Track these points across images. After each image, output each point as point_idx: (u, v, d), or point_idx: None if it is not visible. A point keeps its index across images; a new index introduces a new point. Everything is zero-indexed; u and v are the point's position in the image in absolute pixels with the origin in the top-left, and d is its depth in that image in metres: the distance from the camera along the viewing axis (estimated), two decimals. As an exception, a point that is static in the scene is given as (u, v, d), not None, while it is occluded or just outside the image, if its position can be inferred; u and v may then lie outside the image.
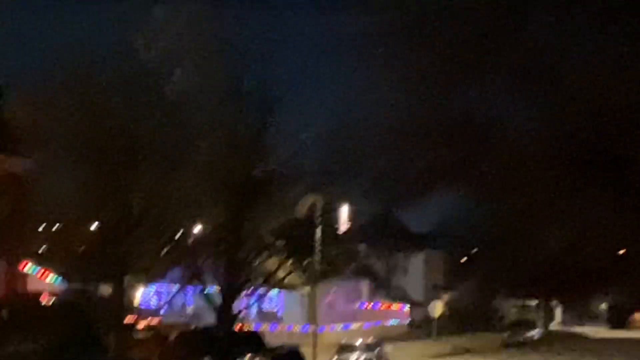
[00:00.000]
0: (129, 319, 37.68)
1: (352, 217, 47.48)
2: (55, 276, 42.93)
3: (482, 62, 23.91)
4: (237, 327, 42.62)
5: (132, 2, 34.90)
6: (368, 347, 45.45)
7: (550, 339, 79.83)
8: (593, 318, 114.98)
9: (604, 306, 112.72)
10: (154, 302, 54.51)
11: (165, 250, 39.34)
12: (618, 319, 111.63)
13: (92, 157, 35.35)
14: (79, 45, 35.43)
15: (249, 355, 35.08)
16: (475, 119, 25.65)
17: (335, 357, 44.28)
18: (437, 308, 71.18)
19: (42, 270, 43.33)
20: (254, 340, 37.03)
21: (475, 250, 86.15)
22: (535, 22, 24.22)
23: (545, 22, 24.20)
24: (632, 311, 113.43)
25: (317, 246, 46.24)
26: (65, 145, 35.69)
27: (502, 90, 25.48)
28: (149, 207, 37.22)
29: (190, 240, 40.48)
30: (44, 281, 43.18)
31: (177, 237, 39.66)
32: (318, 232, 45.94)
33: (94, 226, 38.80)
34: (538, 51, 24.05)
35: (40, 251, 44.36)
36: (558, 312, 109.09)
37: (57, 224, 40.48)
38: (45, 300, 38.01)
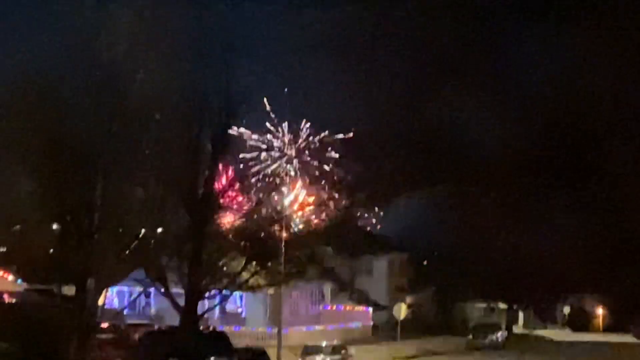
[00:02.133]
0: (92, 320, 37.39)
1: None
2: (16, 277, 42.61)
3: (451, 71, 24.03)
4: (204, 328, 42.52)
5: (91, 3, 34.71)
6: (333, 349, 45.37)
7: (513, 342, 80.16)
8: (555, 321, 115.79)
9: (566, 309, 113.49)
10: (116, 303, 54.26)
11: (127, 252, 39.04)
12: (580, 322, 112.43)
13: (53, 159, 35.03)
14: (37, 49, 35.17)
15: (213, 357, 34.76)
16: (443, 125, 25.73)
17: (301, 358, 44.16)
18: (401, 310, 71.12)
19: (2, 272, 42.99)
20: (221, 342, 36.72)
21: (438, 252, 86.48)
22: (503, 33, 24.42)
23: (513, 33, 24.39)
24: (593, 314, 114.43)
25: (282, 248, 46.15)
26: (25, 148, 35.36)
27: (470, 98, 25.61)
28: (111, 209, 36.97)
29: (153, 243, 40.20)
30: (4, 281, 42.86)
31: (139, 239, 39.37)
32: (282, 233, 45.87)
33: (55, 228, 38.45)
34: (507, 61, 24.19)
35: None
36: (521, 315, 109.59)
37: (17, 226, 40.11)
38: (7, 299, 37.69)
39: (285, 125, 56.57)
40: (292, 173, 53.96)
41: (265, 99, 45.37)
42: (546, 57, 23.33)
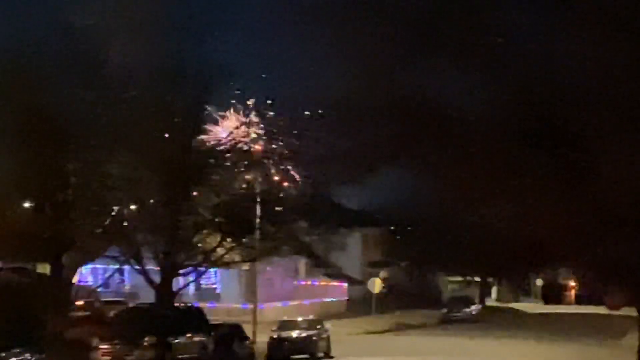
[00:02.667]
0: (67, 297, 37.27)
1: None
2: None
3: (427, 39, 23.82)
4: (181, 304, 42.49)
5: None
6: (309, 324, 45.37)
7: (487, 315, 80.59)
8: (528, 294, 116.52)
9: (539, 282, 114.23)
10: (91, 281, 54.07)
11: (102, 229, 38.86)
12: (552, 295, 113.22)
13: (27, 134, 34.71)
14: (11, 20, 34.76)
15: (190, 333, 34.68)
16: (417, 96, 25.60)
17: (276, 334, 44.11)
18: (376, 284, 71.39)
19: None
20: (197, 318, 36.64)
21: (412, 227, 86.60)
22: (480, 2, 24.21)
23: (490, 2, 24.21)
24: (566, 287, 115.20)
25: (257, 223, 46.04)
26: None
27: (445, 68, 25.44)
28: (85, 185, 36.75)
29: (128, 219, 40.02)
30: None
31: (114, 215, 39.17)
32: (257, 209, 45.72)
33: (28, 206, 38.14)
34: (483, 29, 24.02)
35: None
36: (494, 289, 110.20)
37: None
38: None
39: (251, 101, 54.88)
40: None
41: (231, 75, 45.08)
42: (526, 24, 23.44)
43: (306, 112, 31.40)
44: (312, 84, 25.93)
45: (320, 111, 27.01)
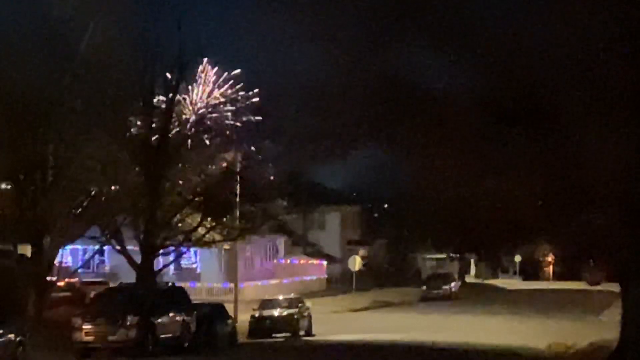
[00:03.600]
0: (48, 278, 37.27)
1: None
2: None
3: (403, 21, 23.98)
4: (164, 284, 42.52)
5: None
6: (290, 303, 45.51)
7: (467, 291, 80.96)
8: (506, 270, 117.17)
9: (517, 258, 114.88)
10: (71, 261, 54.02)
11: (80, 210, 38.87)
12: (530, 271, 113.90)
13: (4, 116, 34.67)
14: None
15: (172, 313, 34.68)
16: (394, 76, 25.74)
17: (258, 312, 44.23)
18: (356, 262, 71.63)
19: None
20: (180, 297, 36.64)
21: (390, 205, 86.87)
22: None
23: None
24: (544, 263, 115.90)
25: (236, 203, 46.16)
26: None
27: (422, 47, 25.60)
28: (64, 166, 36.76)
29: (107, 200, 40.02)
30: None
31: (93, 196, 39.19)
32: (237, 188, 45.84)
33: (7, 188, 38.13)
34: (457, 10, 24.18)
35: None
36: (473, 265, 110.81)
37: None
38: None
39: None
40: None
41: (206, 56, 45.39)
42: (500, 3, 23.54)
43: (285, 92, 31.48)
44: (292, 64, 26.05)
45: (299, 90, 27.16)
